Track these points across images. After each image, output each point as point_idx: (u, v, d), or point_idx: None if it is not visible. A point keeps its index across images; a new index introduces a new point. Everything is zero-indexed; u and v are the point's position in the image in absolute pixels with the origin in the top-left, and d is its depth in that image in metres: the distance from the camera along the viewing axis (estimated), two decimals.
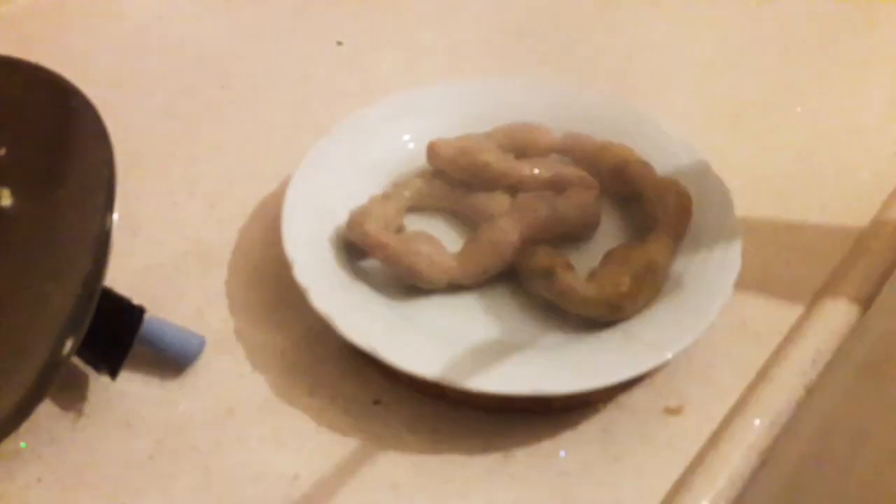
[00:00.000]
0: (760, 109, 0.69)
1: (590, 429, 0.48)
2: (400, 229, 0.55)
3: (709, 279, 0.50)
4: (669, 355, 0.46)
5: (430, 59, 0.74)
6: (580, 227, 0.55)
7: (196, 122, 0.66)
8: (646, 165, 0.56)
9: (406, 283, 0.51)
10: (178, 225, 0.58)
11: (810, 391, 0.49)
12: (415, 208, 0.57)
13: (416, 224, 0.56)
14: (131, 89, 0.69)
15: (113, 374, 0.46)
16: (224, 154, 0.64)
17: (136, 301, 0.48)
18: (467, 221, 0.56)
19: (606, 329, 0.49)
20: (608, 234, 0.56)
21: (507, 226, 0.52)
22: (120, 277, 0.52)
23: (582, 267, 0.52)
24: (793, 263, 0.57)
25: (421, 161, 0.57)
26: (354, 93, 0.70)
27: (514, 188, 0.55)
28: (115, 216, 0.41)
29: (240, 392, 0.49)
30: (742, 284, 0.50)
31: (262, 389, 0.49)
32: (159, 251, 0.56)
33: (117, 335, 0.46)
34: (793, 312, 0.53)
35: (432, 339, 0.49)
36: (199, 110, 0.67)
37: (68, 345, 0.40)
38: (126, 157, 0.61)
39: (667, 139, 0.59)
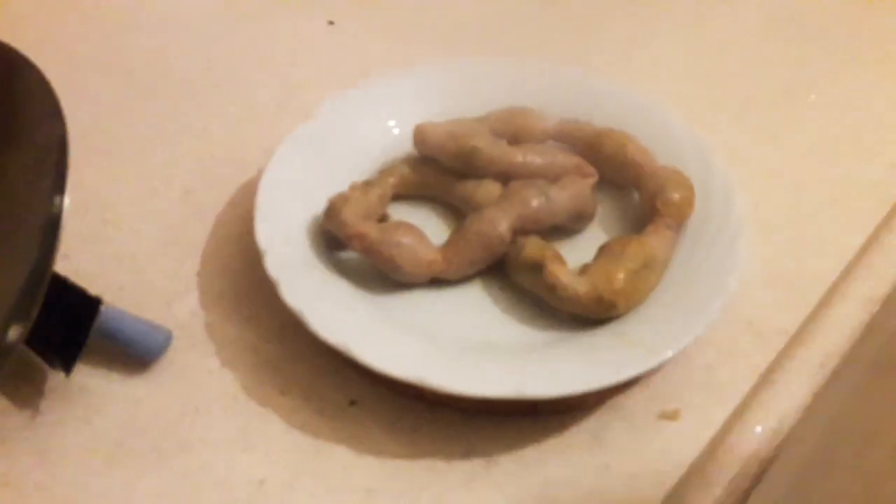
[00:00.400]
0: (771, 97, 0.67)
1: (579, 434, 0.45)
2: (383, 218, 0.52)
3: (710, 275, 0.48)
4: (666, 356, 0.44)
5: (427, 41, 0.71)
6: (575, 219, 0.52)
7: (178, 105, 0.64)
8: (646, 153, 0.54)
9: (386, 276, 0.49)
10: (152, 212, 0.56)
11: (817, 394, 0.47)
12: (400, 196, 0.54)
13: (401, 213, 0.53)
14: (112, 70, 0.67)
15: (67, 369, 0.44)
16: (206, 138, 0.61)
17: (99, 291, 0.45)
18: (456, 211, 0.54)
19: (599, 327, 0.47)
20: (604, 226, 0.54)
21: (496, 216, 0.49)
22: (86, 266, 0.50)
23: (575, 260, 0.49)
24: (802, 259, 0.54)
25: (407, 147, 0.55)
26: (345, 75, 0.67)
27: (505, 176, 0.53)
28: (67, 200, 0.39)
29: (207, 390, 0.46)
30: (746, 281, 0.48)
31: (231, 387, 0.47)
32: (130, 239, 0.54)
33: (71, 327, 0.43)
34: (800, 311, 0.51)
35: (412, 336, 0.46)
36: (181, 92, 0.65)
37: (13, 333, 0.38)
38: (103, 140, 0.59)
39: (669, 127, 0.57)
